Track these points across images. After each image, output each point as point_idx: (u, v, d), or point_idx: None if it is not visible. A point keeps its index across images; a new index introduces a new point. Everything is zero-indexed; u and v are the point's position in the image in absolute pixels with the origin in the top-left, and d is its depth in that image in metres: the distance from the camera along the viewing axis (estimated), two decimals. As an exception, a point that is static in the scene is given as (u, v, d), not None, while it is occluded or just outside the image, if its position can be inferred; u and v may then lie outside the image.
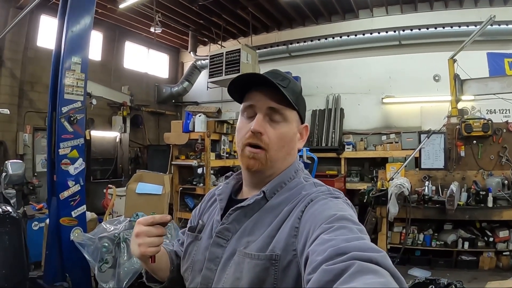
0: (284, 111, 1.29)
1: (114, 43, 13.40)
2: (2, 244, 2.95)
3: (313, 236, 1.00)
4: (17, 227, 3.20)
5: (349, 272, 0.75)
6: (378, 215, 6.88)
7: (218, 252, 1.26)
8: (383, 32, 11.19)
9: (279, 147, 1.29)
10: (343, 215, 1.04)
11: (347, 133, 11.83)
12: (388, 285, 0.71)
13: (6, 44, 9.90)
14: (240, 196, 1.43)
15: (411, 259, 6.96)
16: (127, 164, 12.24)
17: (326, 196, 1.19)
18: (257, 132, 1.26)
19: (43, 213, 6.38)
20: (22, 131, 10.16)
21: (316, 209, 1.12)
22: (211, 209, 1.46)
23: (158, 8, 10.42)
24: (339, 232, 0.95)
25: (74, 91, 4.86)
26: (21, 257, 3.08)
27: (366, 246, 0.86)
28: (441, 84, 10.31)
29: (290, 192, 1.28)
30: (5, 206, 3.35)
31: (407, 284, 0.79)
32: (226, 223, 1.28)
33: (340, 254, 0.83)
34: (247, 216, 1.27)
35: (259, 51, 12.08)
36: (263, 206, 1.27)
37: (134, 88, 13.10)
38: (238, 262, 1.17)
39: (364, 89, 11.80)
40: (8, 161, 4.02)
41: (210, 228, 1.36)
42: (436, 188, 7.15)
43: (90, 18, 5.03)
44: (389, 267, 0.79)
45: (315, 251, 0.91)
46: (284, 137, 1.30)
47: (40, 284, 4.62)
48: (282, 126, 1.29)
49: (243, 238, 1.23)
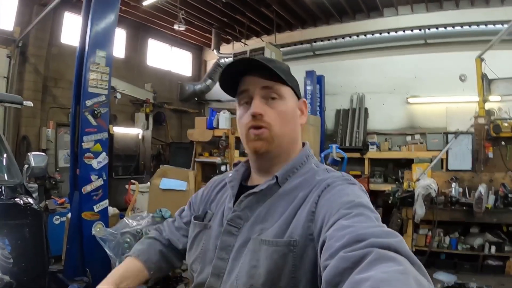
0: (278, 87, 1.28)
1: (138, 40, 13.51)
2: (22, 236, 2.92)
3: (331, 221, 0.99)
4: (38, 219, 3.16)
5: (368, 260, 0.75)
6: (404, 217, 6.73)
7: (230, 241, 1.23)
8: (409, 31, 11.03)
9: (282, 123, 1.28)
10: (361, 201, 1.04)
11: (371, 133, 11.69)
12: (406, 273, 0.70)
13: (31, 40, 10.04)
14: (250, 182, 1.40)
15: (436, 263, 6.78)
16: (149, 161, 12.30)
17: (342, 181, 1.19)
18: (258, 114, 1.25)
19: (64, 207, 6.40)
20: (45, 127, 10.28)
21: (334, 194, 1.12)
22: (218, 197, 1.45)
23: (182, 5, 10.40)
24: (357, 219, 0.95)
25: (99, 84, 4.85)
26: (41, 250, 3.04)
27: (384, 232, 0.87)
28: (467, 84, 10.09)
29: (303, 177, 1.27)
30: (26, 197, 3.31)
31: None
32: (238, 210, 1.26)
33: (359, 241, 0.83)
34: (259, 202, 1.25)
35: (283, 50, 12.02)
36: (276, 192, 1.25)
37: (157, 86, 13.12)
38: (253, 249, 1.14)
39: (388, 89, 11.63)
40: (31, 153, 3.97)
41: (220, 216, 1.33)
42: (463, 190, 6.96)
43: (114, 15, 5.03)
44: (407, 253, 0.79)
45: (333, 236, 0.91)
46: (284, 113, 1.29)
47: (60, 278, 4.61)
48: (279, 104, 1.28)
49: (257, 225, 1.20)
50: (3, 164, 3.70)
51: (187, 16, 11.17)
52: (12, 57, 9.74)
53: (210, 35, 13.79)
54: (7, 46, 9.71)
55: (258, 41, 13.22)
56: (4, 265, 2.58)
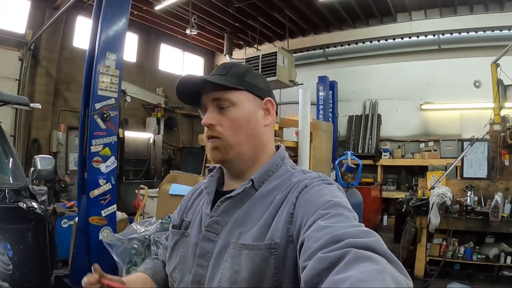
0: (227, 96, 1.28)
1: (150, 45, 13.57)
2: (25, 241, 2.86)
3: (309, 222, 0.99)
4: (42, 224, 3.09)
5: (345, 260, 0.76)
6: (418, 226, 6.59)
7: (208, 247, 1.21)
8: (422, 36, 10.97)
9: (236, 130, 1.28)
10: (339, 201, 1.05)
11: (384, 139, 11.63)
12: (383, 271, 0.71)
13: (43, 43, 10.14)
14: (226, 187, 1.38)
15: (450, 273, 6.63)
16: (160, 165, 12.28)
17: (319, 182, 1.18)
18: (207, 125, 1.28)
19: (73, 211, 6.38)
20: (56, 129, 10.34)
21: (312, 195, 1.12)
22: (195, 205, 1.44)
23: (194, 10, 10.39)
24: (335, 219, 0.95)
25: (108, 87, 4.82)
26: (44, 256, 2.98)
27: (361, 232, 0.87)
28: (481, 90, 10.04)
29: (279, 180, 1.27)
30: (30, 201, 3.25)
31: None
32: (215, 216, 1.24)
33: (336, 241, 0.83)
34: (236, 206, 1.24)
35: (296, 55, 11.95)
36: (252, 195, 1.24)
37: (169, 90, 13.09)
38: (234, 255, 1.13)
39: (402, 95, 11.56)
40: (37, 156, 3.92)
41: (198, 222, 1.32)
42: (478, 199, 6.81)
43: (125, 18, 5.01)
44: (385, 251, 0.80)
45: (311, 237, 0.91)
46: (236, 120, 1.28)
47: (66, 283, 4.55)
48: (231, 111, 1.28)
49: (235, 230, 1.19)
50: (8, 167, 3.64)
51: (199, 21, 11.18)
52: (24, 60, 9.81)
53: (222, 40, 13.82)
54: (19, 49, 9.79)
55: (271, 46, 13.20)
56: (3, 272, 2.51)
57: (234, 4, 10.96)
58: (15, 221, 2.96)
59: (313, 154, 8.98)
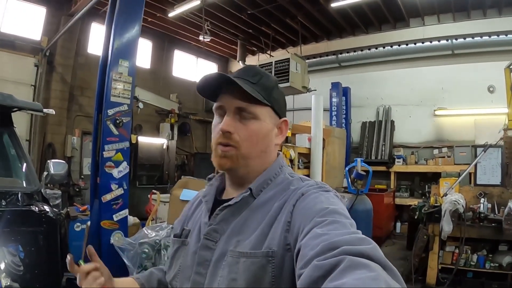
0: (252, 109, 1.27)
1: (163, 51, 13.72)
2: (36, 243, 2.90)
3: (306, 230, 1.00)
4: (53, 227, 3.14)
5: (340, 267, 0.76)
6: (430, 233, 6.53)
7: (207, 255, 1.22)
8: (435, 41, 10.93)
9: (251, 144, 1.27)
10: (335, 208, 1.05)
11: (398, 146, 11.57)
12: (378, 278, 0.72)
13: (58, 50, 10.34)
14: (225, 196, 1.39)
15: (462, 281, 6.55)
16: (174, 171, 12.34)
17: (316, 190, 1.18)
18: (226, 132, 1.25)
19: (86, 214, 6.43)
20: (71, 134, 10.48)
21: (308, 203, 1.12)
22: (195, 214, 1.44)
23: (207, 17, 10.45)
24: (332, 226, 0.96)
25: (121, 94, 4.86)
26: (55, 259, 3.02)
27: (357, 240, 0.88)
28: (496, 96, 9.94)
29: (277, 188, 1.27)
30: (42, 205, 3.30)
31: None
32: (214, 224, 1.25)
33: (332, 249, 0.83)
34: (234, 215, 1.24)
35: (308, 61, 11.97)
36: (250, 204, 1.25)
37: (183, 96, 13.21)
38: (231, 263, 1.14)
39: (415, 101, 11.51)
40: (50, 160, 3.98)
41: (197, 231, 1.33)
42: (491, 206, 6.73)
43: (138, 24, 5.05)
44: (380, 259, 0.80)
45: (308, 245, 0.92)
46: (255, 134, 1.27)
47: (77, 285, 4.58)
48: (252, 124, 1.27)
49: (233, 238, 1.19)
50: (22, 171, 3.71)
51: (212, 28, 11.26)
52: (39, 66, 9.99)
53: (236, 46, 13.88)
54: (35, 55, 9.97)
55: (284, 52, 13.22)
56: (14, 272, 2.56)
57: (247, 10, 11.03)
58: (27, 223, 3.00)
59: (326, 161, 8.99)
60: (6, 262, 2.56)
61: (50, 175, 3.78)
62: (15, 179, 3.74)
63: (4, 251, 2.60)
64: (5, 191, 3.14)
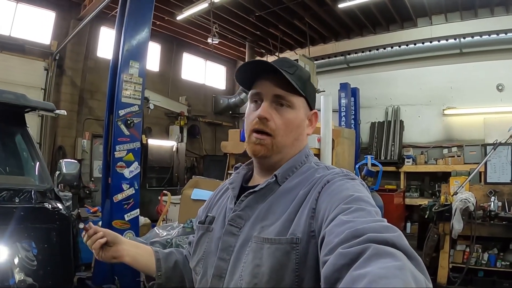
0: (290, 98, 1.28)
1: (172, 54, 13.78)
2: (49, 240, 2.94)
3: (331, 216, 0.99)
4: (66, 224, 3.17)
5: (365, 255, 0.75)
6: (441, 232, 6.48)
7: (231, 241, 1.23)
8: (443, 40, 10.90)
9: (286, 132, 1.29)
10: (360, 196, 1.04)
11: (407, 146, 11.53)
12: (403, 268, 0.70)
13: (67, 53, 10.45)
14: (251, 183, 1.40)
15: (473, 280, 6.49)
16: (183, 173, 12.40)
17: (342, 177, 1.19)
18: (263, 118, 1.26)
19: (97, 216, 6.49)
20: (81, 137, 10.58)
21: (333, 190, 1.12)
22: (220, 201, 1.46)
23: (215, 19, 10.49)
24: (357, 214, 0.95)
25: (132, 95, 4.92)
26: (68, 255, 3.04)
27: (383, 227, 0.86)
28: (505, 94, 9.90)
29: (303, 176, 1.28)
30: (55, 202, 3.33)
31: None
32: (238, 210, 1.26)
33: (357, 236, 0.83)
34: (259, 201, 1.25)
35: (317, 62, 11.99)
36: (276, 190, 1.26)
37: (192, 99, 13.28)
38: (256, 248, 1.14)
39: (424, 100, 11.48)
40: (63, 160, 4.02)
41: (222, 217, 1.34)
42: (502, 204, 6.68)
43: (147, 27, 5.12)
44: (405, 247, 0.79)
45: (332, 232, 0.91)
46: (290, 123, 1.29)
47: (88, 285, 4.62)
48: (288, 112, 1.29)
49: (257, 224, 1.20)
50: (35, 170, 3.75)
51: (220, 30, 11.28)
52: (49, 70, 10.10)
53: (244, 48, 13.95)
54: (45, 59, 10.08)
55: (292, 54, 13.28)
56: (28, 267, 2.59)
57: (255, 12, 11.07)
58: (40, 220, 3.04)
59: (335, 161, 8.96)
60: (19, 257, 2.60)
61: (62, 174, 3.81)
62: (28, 177, 3.79)
63: (18, 247, 2.64)
64: (18, 189, 3.19)
